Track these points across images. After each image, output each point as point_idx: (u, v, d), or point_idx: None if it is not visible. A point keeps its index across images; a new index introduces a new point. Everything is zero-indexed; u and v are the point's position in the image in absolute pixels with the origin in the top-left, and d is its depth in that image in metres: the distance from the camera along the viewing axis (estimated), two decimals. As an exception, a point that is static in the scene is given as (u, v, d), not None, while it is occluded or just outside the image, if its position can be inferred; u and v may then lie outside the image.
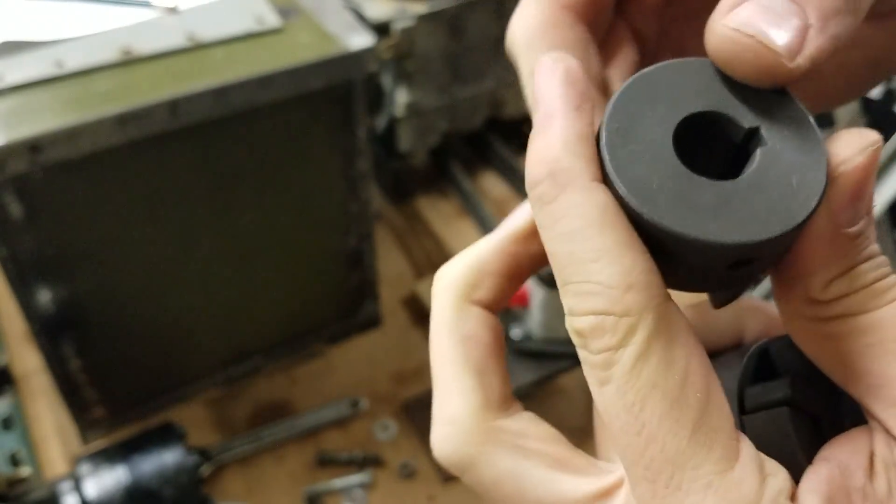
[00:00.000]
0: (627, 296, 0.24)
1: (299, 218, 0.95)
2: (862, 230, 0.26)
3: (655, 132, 0.27)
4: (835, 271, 0.26)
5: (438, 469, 1.01)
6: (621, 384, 0.25)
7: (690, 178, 0.26)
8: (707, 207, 0.26)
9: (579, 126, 0.27)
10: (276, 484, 1.00)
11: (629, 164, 0.26)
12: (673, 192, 0.26)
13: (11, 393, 1.05)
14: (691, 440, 0.24)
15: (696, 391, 0.24)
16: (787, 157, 0.26)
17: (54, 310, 0.84)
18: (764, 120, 0.27)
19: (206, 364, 1.01)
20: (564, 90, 0.27)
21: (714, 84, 0.27)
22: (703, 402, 0.24)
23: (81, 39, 0.80)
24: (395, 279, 1.24)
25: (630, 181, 0.26)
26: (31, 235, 0.78)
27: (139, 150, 0.78)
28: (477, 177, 1.42)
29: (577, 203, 0.25)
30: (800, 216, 0.26)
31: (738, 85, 0.27)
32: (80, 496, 0.84)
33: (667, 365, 0.24)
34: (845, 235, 0.26)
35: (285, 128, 0.86)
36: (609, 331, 0.25)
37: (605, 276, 0.25)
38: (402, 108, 1.19)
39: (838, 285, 0.26)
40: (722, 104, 0.27)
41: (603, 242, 0.25)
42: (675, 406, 0.24)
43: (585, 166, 0.26)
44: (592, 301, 0.25)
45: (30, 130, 0.71)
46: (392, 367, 1.13)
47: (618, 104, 0.27)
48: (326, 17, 0.86)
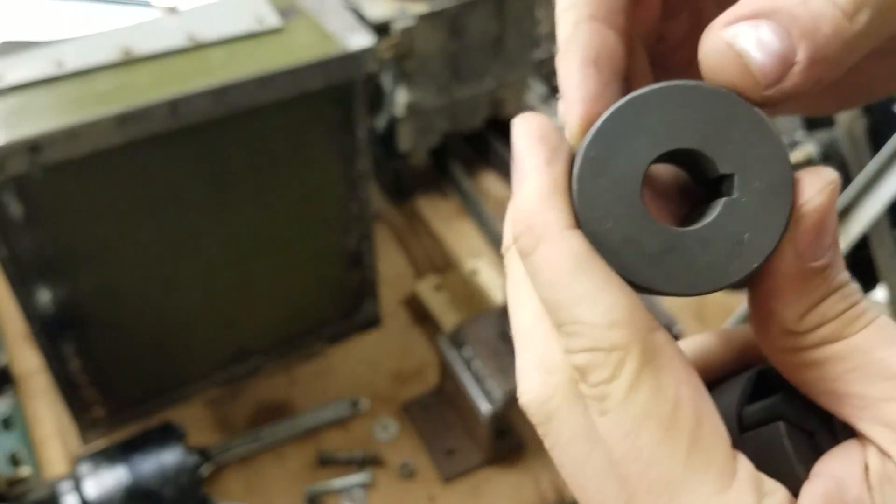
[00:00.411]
0: (612, 332, 0.26)
1: (299, 218, 0.95)
2: (828, 262, 0.27)
3: (629, 166, 0.27)
4: (807, 304, 0.27)
5: (438, 469, 1.01)
6: (617, 414, 0.26)
7: (645, 220, 0.27)
8: (652, 253, 0.27)
9: (551, 179, 0.28)
10: (276, 484, 1.00)
11: (594, 199, 0.27)
12: (625, 233, 0.27)
13: (11, 393, 1.05)
14: (687, 463, 0.25)
15: (687, 416, 0.26)
16: (749, 211, 0.27)
17: (54, 310, 0.84)
18: (741, 166, 0.27)
19: (206, 364, 1.01)
20: (536, 147, 0.29)
21: (703, 115, 0.27)
22: (695, 426, 0.26)
23: (81, 39, 0.80)
24: (395, 279, 1.24)
25: (589, 219, 0.27)
26: (31, 235, 0.78)
27: (139, 150, 0.78)
28: (477, 177, 1.42)
29: (552, 253, 0.27)
30: (735, 276, 0.27)
31: (727, 119, 0.27)
32: (80, 496, 0.84)
33: (657, 393, 0.26)
34: (812, 269, 0.27)
35: (285, 128, 0.86)
36: (600, 365, 0.26)
37: (589, 317, 0.26)
38: (402, 108, 1.19)
39: (812, 316, 0.27)
40: (705, 141, 0.27)
41: (581, 287, 0.26)
42: (668, 431, 0.26)
43: (557, 216, 0.27)
44: (582, 340, 0.27)
45: (30, 130, 0.71)
46: (392, 367, 1.13)
47: (600, 131, 0.28)
48: (326, 17, 0.86)
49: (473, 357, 0.98)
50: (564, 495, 1.00)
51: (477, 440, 1.01)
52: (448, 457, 1.02)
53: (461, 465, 1.02)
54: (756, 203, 0.27)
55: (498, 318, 1.00)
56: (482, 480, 1.01)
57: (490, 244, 1.31)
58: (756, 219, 0.27)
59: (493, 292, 1.22)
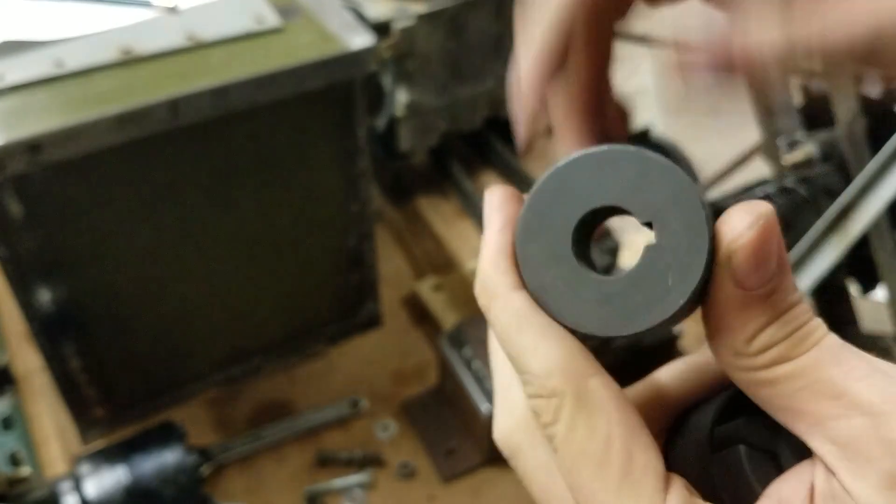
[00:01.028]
0: (549, 381, 0.29)
1: (299, 218, 0.95)
2: (773, 288, 0.29)
3: (558, 227, 0.31)
4: (752, 329, 0.29)
5: (438, 469, 1.01)
6: (560, 452, 0.30)
7: (581, 273, 0.30)
8: (587, 301, 0.30)
9: (500, 245, 0.32)
10: (276, 484, 1.00)
11: (531, 259, 0.31)
12: (561, 287, 0.30)
13: (11, 393, 1.05)
14: (618, 494, 0.29)
15: (618, 452, 0.29)
16: (670, 254, 0.29)
17: (54, 310, 0.84)
18: (657, 214, 0.29)
19: (206, 364, 1.01)
20: (493, 216, 0.33)
21: (624, 174, 0.30)
22: (625, 461, 0.29)
23: (81, 39, 0.80)
24: (395, 279, 1.24)
25: (530, 278, 0.31)
26: (31, 235, 0.78)
27: (139, 149, 0.78)
28: (477, 177, 1.42)
29: (500, 311, 0.31)
30: (662, 316, 0.29)
31: (640, 174, 0.29)
32: (80, 496, 0.84)
33: (590, 434, 0.29)
34: (755, 297, 0.28)
35: (285, 128, 0.86)
36: (545, 410, 0.30)
37: (533, 366, 0.30)
38: (402, 107, 1.19)
39: (760, 338, 0.29)
40: (622, 197, 0.30)
41: (524, 341, 0.30)
42: (600, 467, 0.29)
43: (503, 278, 0.31)
44: (531, 387, 0.30)
45: (30, 130, 0.71)
46: (392, 367, 1.13)
47: (531, 201, 0.31)
48: (326, 17, 0.86)
49: (473, 357, 0.98)
50: (564, 495, 1.00)
51: (477, 440, 1.01)
52: (448, 457, 1.02)
53: (461, 465, 1.02)
54: (676, 246, 0.29)
55: (498, 318, 1.00)
56: (482, 480, 1.01)
57: (490, 244, 1.31)
58: (677, 260, 0.29)
59: (493, 292, 1.22)
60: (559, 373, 0.29)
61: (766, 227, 0.28)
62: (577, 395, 0.29)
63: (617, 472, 0.29)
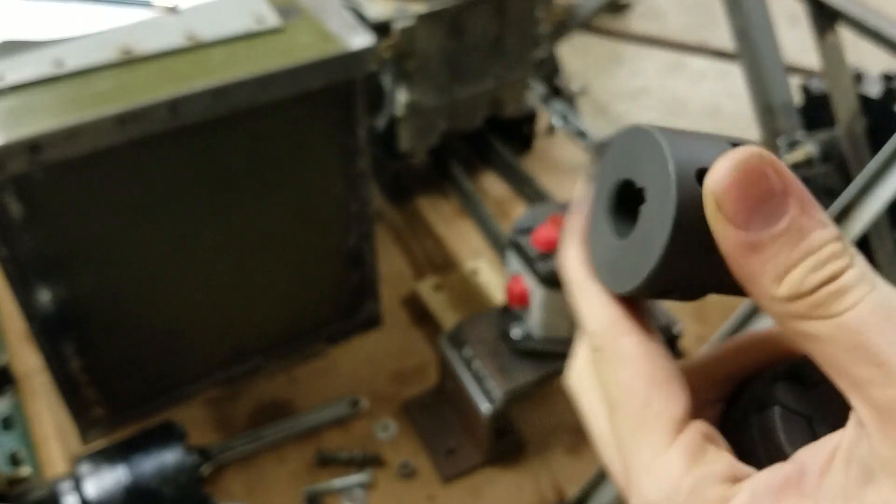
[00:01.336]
0: (594, 339, 0.35)
1: (299, 217, 0.95)
2: (789, 226, 0.29)
3: (602, 201, 0.36)
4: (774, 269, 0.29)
5: (438, 469, 1.01)
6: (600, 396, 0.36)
7: (611, 239, 0.35)
8: (613, 262, 0.35)
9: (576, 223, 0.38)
10: (276, 484, 1.00)
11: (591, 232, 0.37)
12: (602, 253, 0.36)
13: (11, 393, 1.05)
14: (633, 434, 0.33)
15: (635, 400, 0.33)
16: (654, 214, 0.32)
17: (54, 310, 0.84)
18: (648, 179, 0.32)
19: (206, 364, 1.01)
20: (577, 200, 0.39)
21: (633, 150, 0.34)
22: (640, 408, 0.33)
23: (81, 39, 0.80)
24: (395, 279, 1.24)
25: (592, 247, 0.37)
26: (31, 235, 0.78)
27: (139, 150, 0.78)
28: (477, 177, 1.43)
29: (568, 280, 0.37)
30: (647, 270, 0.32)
31: (642, 149, 0.33)
32: (80, 496, 0.84)
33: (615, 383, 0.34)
34: (768, 237, 0.29)
35: (285, 127, 0.86)
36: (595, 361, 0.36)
37: (586, 326, 0.36)
38: (402, 107, 1.20)
39: (790, 281, 0.29)
40: (632, 171, 0.34)
41: (580, 305, 0.36)
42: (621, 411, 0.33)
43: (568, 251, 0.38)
44: (585, 339, 0.37)
45: (30, 130, 0.71)
46: (392, 367, 1.13)
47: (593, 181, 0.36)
48: (326, 17, 0.86)
49: (473, 357, 0.98)
50: (564, 495, 1.00)
51: (477, 440, 1.01)
52: (448, 457, 1.02)
53: (461, 465, 1.02)
54: (657, 206, 0.31)
55: (498, 318, 1.00)
56: (482, 480, 1.01)
57: (490, 244, 1.31)
58: (658, 218, 0.31)
59: (493, 292, 1.22)
60: (601, 333, 0.35)
61: (749, 165, 0.29)
62: (612, 351, 0.34)
63: (633, 417, 0.33)
